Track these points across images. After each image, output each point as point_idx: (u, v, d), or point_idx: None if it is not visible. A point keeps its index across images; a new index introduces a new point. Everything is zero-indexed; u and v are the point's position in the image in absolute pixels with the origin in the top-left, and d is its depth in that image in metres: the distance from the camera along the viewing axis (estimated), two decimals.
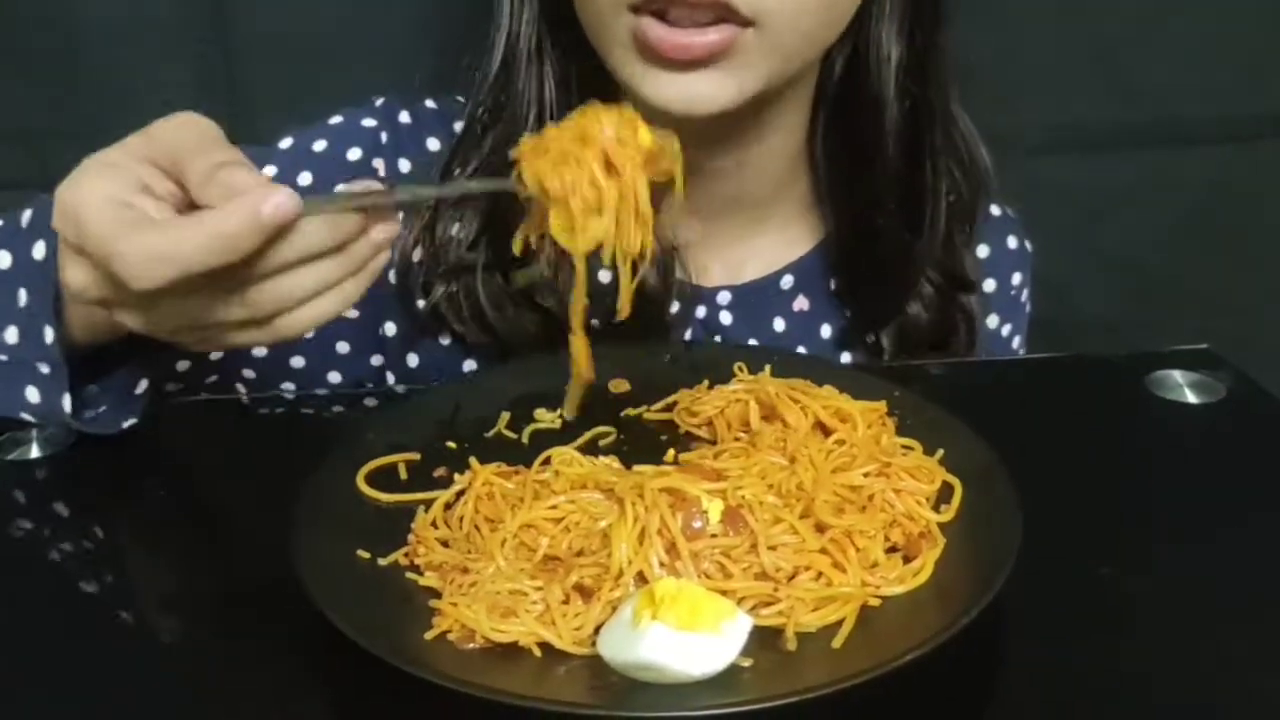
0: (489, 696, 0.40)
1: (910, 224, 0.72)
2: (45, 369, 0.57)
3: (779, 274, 0.76)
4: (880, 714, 0.42)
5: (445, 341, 0.72)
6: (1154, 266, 1.00)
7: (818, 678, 0.41)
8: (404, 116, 0.74)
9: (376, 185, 0.48)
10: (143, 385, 0.61)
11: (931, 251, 0.72)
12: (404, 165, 0.73)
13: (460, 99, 0.74)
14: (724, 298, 0.75)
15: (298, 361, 0.73)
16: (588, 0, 0.62)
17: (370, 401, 0.67)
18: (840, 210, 0.75)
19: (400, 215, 0.49)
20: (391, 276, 0.71)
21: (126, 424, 0.60)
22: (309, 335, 0.49)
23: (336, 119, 0.74)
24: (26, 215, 0.59)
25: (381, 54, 0.88)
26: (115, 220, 0.45)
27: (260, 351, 0.71)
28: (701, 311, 0.75)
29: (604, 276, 0.65)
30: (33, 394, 0.57)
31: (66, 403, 0.57)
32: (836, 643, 0.44)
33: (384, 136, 0.73)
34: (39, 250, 0.57)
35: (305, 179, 0.71)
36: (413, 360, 0.74)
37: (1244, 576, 0.51)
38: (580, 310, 0.53)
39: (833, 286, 0.76)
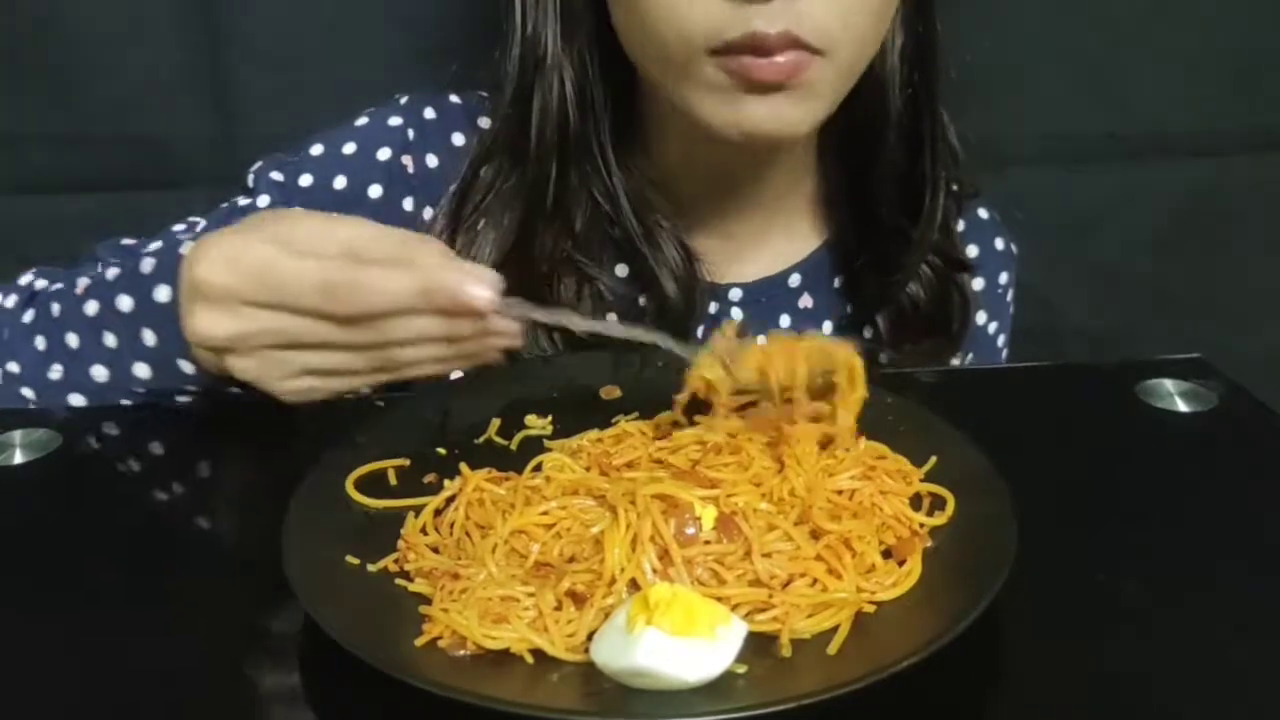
0: (481, 703, 0.39)
1: (911, 212, 0.73)
2: (187, 399, 0.61)
3: (787, 272, 0.77)
4: None
5: None
6: (1141, 276, 1.01)
7: (813, 684, 0.40)
8: (429, 112, 0.75)
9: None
10: None
11: (930, 238, 0.73)
12: (431, 161, 0.74)
13: (484, 94, 0.75)
14: (735, 294, 0.76)
15: None
16: (661, 47, 0.62)
17: (359, 407, 0.66)
18: (846, 206, 0.76)
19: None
20: None
21: None
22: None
23: (363, 120, 0.74)
24: (147, 263, 0.60)
25: (374, 55, 0.88)
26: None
27: None
28: (714, 307, 0.75)
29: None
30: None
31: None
32: (831, 649, 0.43)
33: (411, 134, 0.74)
34: (162, 294, 0.58)
35: (340, 183, 0.72)
36: None
37: (1236, 584, 0.50)
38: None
39: (836, 285, 0.78)
